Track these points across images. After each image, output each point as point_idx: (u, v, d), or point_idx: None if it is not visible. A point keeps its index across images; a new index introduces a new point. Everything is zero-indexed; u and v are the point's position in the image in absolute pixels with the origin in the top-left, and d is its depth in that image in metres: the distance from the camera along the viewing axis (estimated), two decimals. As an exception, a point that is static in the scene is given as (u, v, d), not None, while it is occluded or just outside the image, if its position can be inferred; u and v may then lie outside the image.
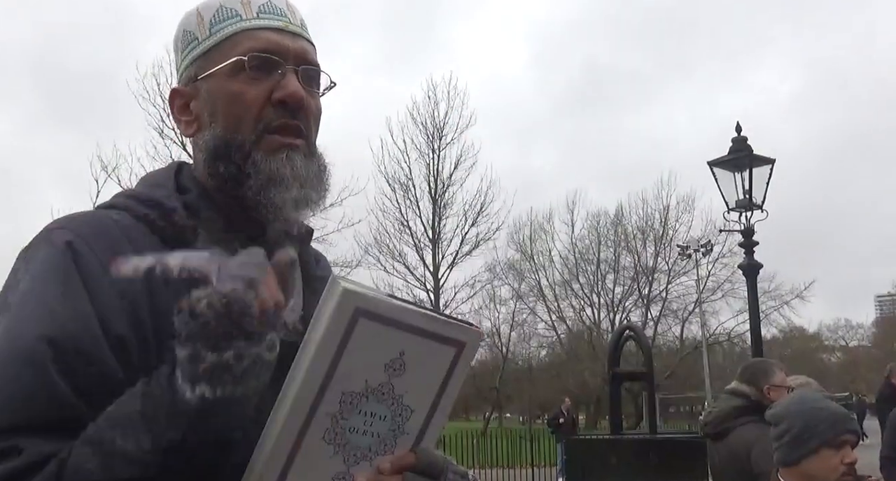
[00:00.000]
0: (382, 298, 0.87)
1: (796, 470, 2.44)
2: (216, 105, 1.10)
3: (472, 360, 0.94)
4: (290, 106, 1.08)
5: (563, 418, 18.41)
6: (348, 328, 0.85)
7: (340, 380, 0.87)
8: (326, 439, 0.89)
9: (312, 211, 1.11)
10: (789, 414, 2.49)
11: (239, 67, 1.08)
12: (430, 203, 27.74)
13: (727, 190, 8.77)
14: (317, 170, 1.10)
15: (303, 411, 0.87)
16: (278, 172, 1.05)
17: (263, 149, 1.07)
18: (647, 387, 11.07)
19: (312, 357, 0.86)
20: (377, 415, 0.90)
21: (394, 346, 0.88)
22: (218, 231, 1.06)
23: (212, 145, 1.08)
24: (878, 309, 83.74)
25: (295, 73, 1.09)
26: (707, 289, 32.75)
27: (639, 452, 7.68)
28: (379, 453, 0.92)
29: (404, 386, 0.90)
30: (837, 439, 2.40)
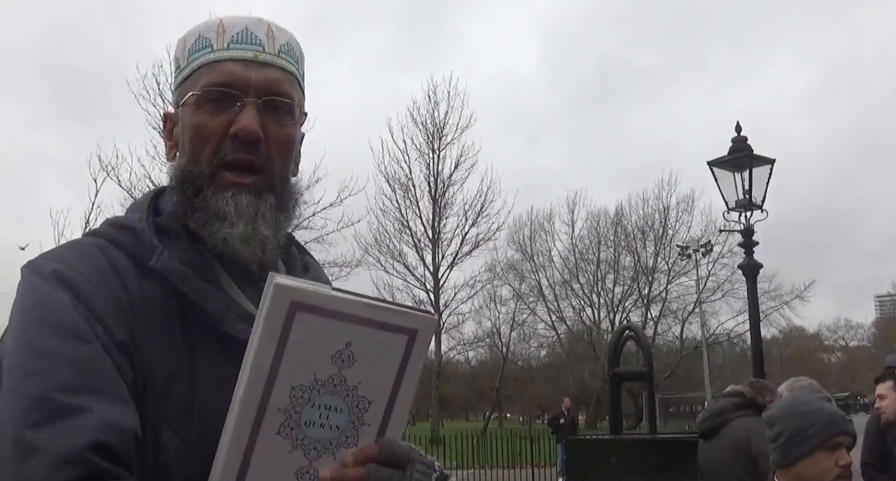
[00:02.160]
0: (321, 291, 0.87)
1: (792, 471, 2.44)
2: (184, 135, 1.14)
3: (427, 347, 0.94)
4: (241, 140, 1.09)
5: (563, 418, 18.40)
6: (286, 323, 0.86)
7: (286, 375, 0.87)
8: (282, 434, 0.89)
9: (269, 243, 1.11)
10: (784, 416, 2.50)
11: (201, 100, 1.11)
12: (430, 203, 27.78)
13: (727, 190, 8.77)
14: (271, 206, 1.11)
15: (252, 408, 0.88)
16: (221, 210, 1.08)
17: (215, 184, 1.09)
18: (647, 387, 11.07)
19: (254, 354, 0.87)
20: (332, 408, 0.90)
21: (339, 338, 0.88)
22: (189, 251, 1.09)
23: (177, 175, 1.13)
24: (878, 309, 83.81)
25: (255, 106, 1.10)
26: (707, 289, 32.81)
27: (639, 452, 7.69)
28: (341, 445, 0.92)
29: (357, 377, 0.90)
30: (832, 441, 2.40)
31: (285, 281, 0.86)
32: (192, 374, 1.02)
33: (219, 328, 1.04)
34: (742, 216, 8.69)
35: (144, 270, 1.05)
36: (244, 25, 1.14)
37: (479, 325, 33.42)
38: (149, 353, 1.00)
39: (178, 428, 0.99)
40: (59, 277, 1.00)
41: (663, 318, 34.99)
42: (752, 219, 8.65)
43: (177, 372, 1.01)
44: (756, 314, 9.24)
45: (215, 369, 1.02)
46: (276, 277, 0.86)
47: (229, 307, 1.06)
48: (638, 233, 34.60)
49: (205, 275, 1.08)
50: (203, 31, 1.14)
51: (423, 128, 27.53)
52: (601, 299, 35.55)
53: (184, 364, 1.02)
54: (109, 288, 1.02)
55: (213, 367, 1.02)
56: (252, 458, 0.89)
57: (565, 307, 35.84)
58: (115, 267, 1.05)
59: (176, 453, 0.98)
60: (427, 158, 27.61)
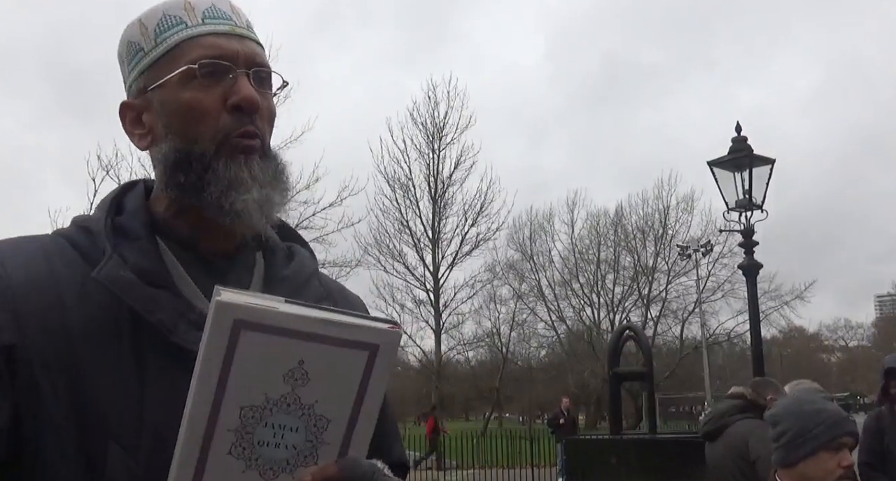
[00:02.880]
0: (267, 308, 0.83)
1: (794, 471, 2.44)
2: (171, 116, 1.08)
3: (391, 361, 0.89)
4: (245, 110, 1.07)
5: (563, 418, 18.40)
6: (231, 342, 0.82)
7: (234, 396, 0.84)
8: (234, 454, 0.86)
9: (276, 211, 1.10)
10: (787, 416, 2.50)
11: (190, 76, 1.06)
12: (430, 203, 27.75)
13: (727, 190, 8.78)
14: (274, 172, 1.09)
15: (199, 429, 0.84)
16: (238, 176, 1.05)
17: (223, 156, 1.06)
18: (647, 387, 11.07)
19: (198, 375, 0.83)
20: (287, 427, 0.87)
21: (290, 356, 0.84)
22: (145, 253, 1.04)
23: (172, 158, 1.07)
24: (878, 309, 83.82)
25: (247, 76, 1.08)
26: (707, 289, 32.79)
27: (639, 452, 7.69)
28: (299, 465, 0.89)
29: (312, 395, 0.87)
30: (835, 441, 2.40)
31: (229, 297, 0.81)
32: (142, 388, 0.97)
33: (169, 339, 0.99)
34: (742, 216, 8.70)
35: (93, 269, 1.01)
36: (210, 2, 1.11)
37: (479, 325, 33.41)
38: (87, 366, 0.96)
39: (127, 443, 0.95)
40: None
41: (663, 318, 35.00)
42: (752, 219, 8.66)
43: (124, 386, 0.97)
44: (756, 314, 9.24)
45: (168, 382, 0.97)
46: (220, 293, 0.82)
47: (182, 314, 1.01)
48: (638, 233, 34.61)
49: (157, 280, 1.02)
50: (168, 10, 1.10)
51: (422, 129, 27.51)
52: (601, 299, 35.55)
53: (132, 377, 0.97)
54: (38, 292, 0.98)
55: (164, 381, 0.98)
56: (204, 477, 0.86)
57: (565, 307, 35.85)
58: (56, 272, 1.01)
59: (125, 470, 0.94)
60: (427, 158, 27.59)
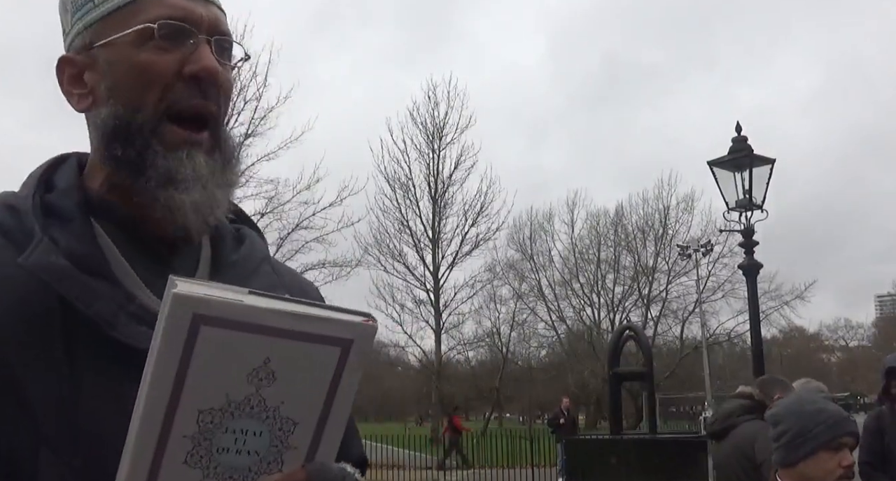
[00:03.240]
0: (230, 300, 0.74)
1: (794, 471, 2.44)
2: (117, 77, 0.97)
3: (365, 357, 0.81)
4: (203, 81, 0.96)
5: (563, 418, 18.41)
6: (189, 338, 0.73)
7: (192, 399, 0.75)
8: (190, 463, 0.77)
9: (220, 210, 0.99)
10: (788, 416, 2.50)
11: (147, 36, 0.95)
12: (430, 203, 27.78)
13: (727, 190, 8.78)
14: (221, 166, 0.99)
15: (152, 436, 0.75)
16: (178, 171, 0.94)
17: (163, 140, 0.95)
18: (647, 387, 11.06)
19: (151, 376, 0.74)
20: (250, 432, 0.79)
21: (255, 354, 0.76)
22: (79, 237, 0.93)
23: (110, 125, 0.96)
24: (878, 309, 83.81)
25: (208, 44, 0.98)
26: (707, 289, 32.78)
27: (639, 452, 7.68)
28: (263, 472, 0.81)
29: (278, 396, 0.78)
30: (835, 441, 2.40)
31: (186, 288, 0.73)
32: (76, 388, 0.86)
33: (108, 335, 0.88)
34: (742, 216, 8.70)
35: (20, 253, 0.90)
36: None
37: (479, 325, 33.43)
38: (13, 364, 0.86)
39: (62, 451, 0.85)
40: None
41: (663, 318, 34.99)
42: (752, 219, 8.66)
43: (55, 386, 0.86)
44: (756, 314, 9.24)
45: (106, 382, 0.87)
46: (175, 283, 0.73)
47: (122, 307, 0.90)
48: (638, 233, 34.62)
49: (92, 267, 0.91)
50: None
51: (422, 128, 27.55)
52: (601, 299, 35.56)
53: (64, 376, 0.86)
54: None
55: (103, 381, 0.87)
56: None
57: (565, 307, 35.86)
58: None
59: (58, 478, 0.84)
60: (427, 158, 27.63)
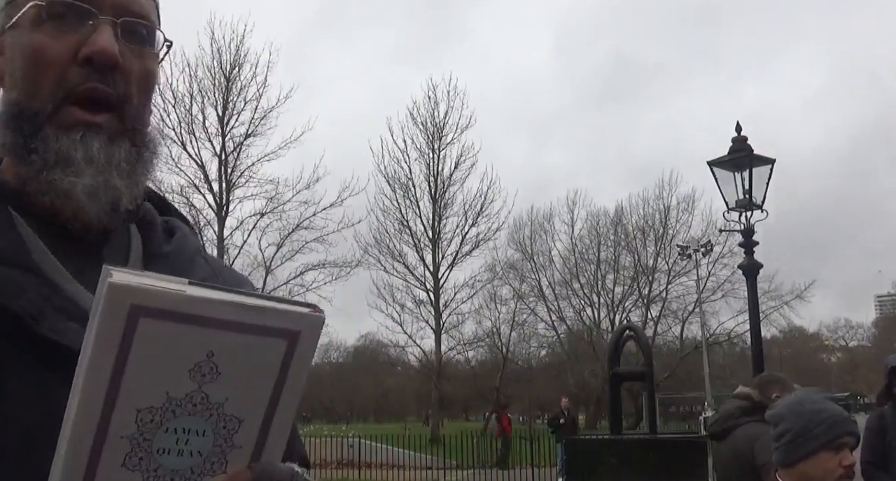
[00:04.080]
0: (171, 290, 0.69)
1: (795, 470, 2.44)
2: (15, 62, 0.92)
3: (313, 350, 0.77)
4: (97, 65, 0.89)
5: (563, 418, 18.41)
6: (126, 331, 0.68)
7: (130, 396, 0.70)
8: (129, 466, 0.73)
9: (122, 198, 0.92)
10: (788, 416, 2.49)
11: (38, 17, 0.90)
12: (430, 203, 27.80)
13: (727, 190, 8.78)
14: (126, 153, 0.92)
15: (87, 437, 0.70)
16: (67, 154, 0.88)
17: (58, 123, 0.89)
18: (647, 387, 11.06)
19: (85, 373, 0.69)
20: (192, 431, 0.74)
21: (197, 347, 0.71)
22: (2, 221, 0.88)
23: (4, 112, 0.92)
24: (878, 309, 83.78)
25: (112, 26, 0.91)
26: (707, 289, 32.79)
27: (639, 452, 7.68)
28: (206, 473, 0.76)
29: (222, 393, 0.74)
30: (836, 441, 2.40)
31: (123, 278, 0.68)
32: (2, 390, 0.80)
33: (34, 331, 0.82)
34: (742, 216, 8.70)
35: None
36: None
37: (479, 325, 33.45)
38: None
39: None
40: None
41: (663, 318, 35.01)
42: (752, 219, 8.66)
43: None
44: (756, 314, 9.23)
45: (33, 383, 0.81)
46: (111, 273, 0.68)
47: (48, 300, 0.84)
48: (638, 233, 34.64)
49: (12, 258, 0.85)
50: None
51: (423, 128, 27.58)
52: (601, 299, 35.57)
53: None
54: None
55: (29, 381, 0.81)
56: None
57: (565, 307, 35.89)
58: None
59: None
60: (427, 158, 27.66)
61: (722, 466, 4.01)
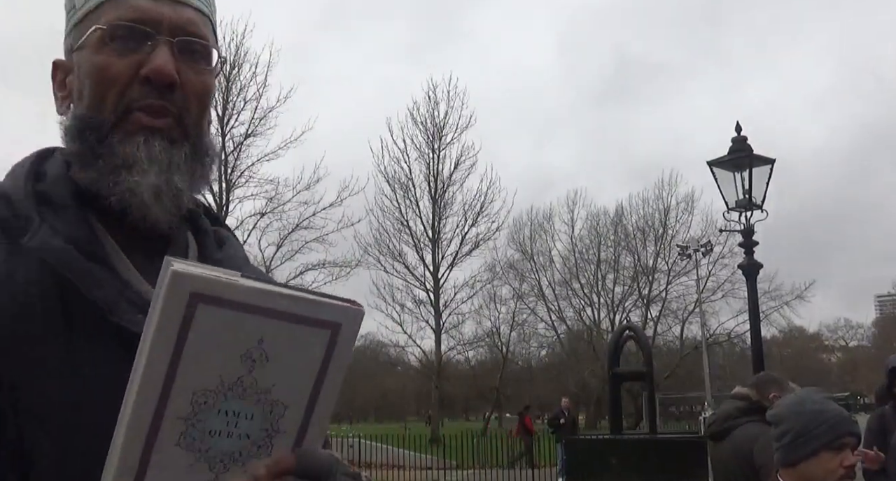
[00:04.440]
0: (227, 280, 0.74)
1: (796, 471, 2.44)
2: (82, 80, 0.99)
3: (353, 342, 0.82)
4: (156, 83, 0.96)
5: (563, 418, 18.42)
6: (186, 317, 0.73)
7: (186, 379, 0.75)
8: (182, 445, 0.77)
9: (184, 198, 0.98)
10: (790, 416, 2.49)
11: (103, 39, 0.97)
12: (430, 203, 27.80)
13: (727, 190, 8.78)
14: (186, 156, 0.98)
15: (146, 417, 0.75)
16: (132, 155, 0.94)
17: (122, 129, 0.96)
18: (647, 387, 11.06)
19: (147, 355, 0.74)
20: (242, 414, 0.79)
21: (249, 334, 0.76)
22: (75, 224, 0.94)
23: (69, 124, 0.99)
24: (878, 309, 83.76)
25: (170, 46, 0.97)
26: (707, 289, 32.82)
27: (639, 452, 7.68)
28: (253, 456, 0.80)
29: (270, 378, 0.78)
30: (837, 441, 2.40)
31: (184, 267, 0.73)
32: (75, 372, 0.87)
33: (108, 319, 0.89)
34: (742, 216, 8.70)
35: (19, 248, 0.91)
36: None
37: (479, 325, 33.47)
38: (15, 348, 0.86)
39: (58, 435, 0.85)
40: None
41: (663, 318, 35.02)
42: (752, 219, 8.66)
43: (55, 370, 0.87)
44: (756, 314, 9.23)
45: (105, 367, 0.87)
46: (172, 263, 0.73)
47: (121, 293, 0.91)
48: (638, 233, 34.65)
49: (93, 253, 0.92)
50: None
51: (422, 128, 27.58)
52: (601, 299, 35.58)
53: (64, 361, 0.87)
54: None
55: (101, 365, 0.88)
56: (147, 473, 0.77)
57: (565, 307, 35.91)
58: None
59: (54, 464, 0.85)
60: (427, 158, 27.66)
61: (720, 467, 4.01)
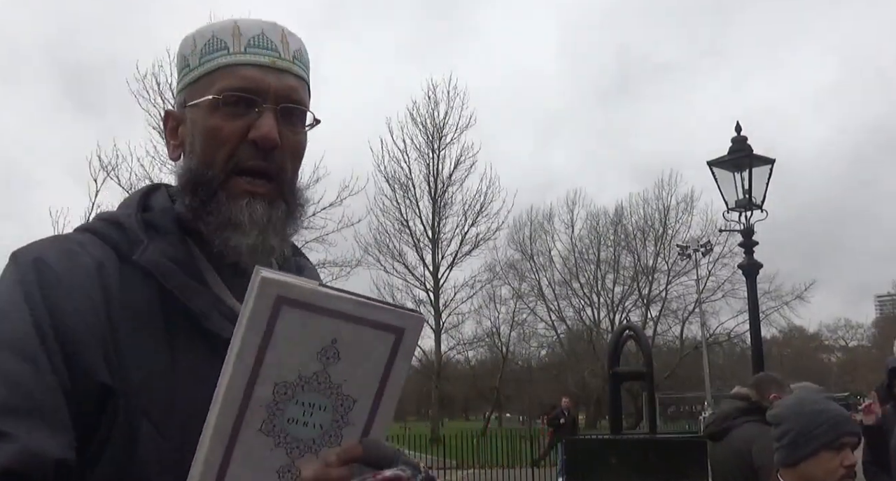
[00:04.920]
0: (307, 286, 0.85)
1: (796, 471, 2.44)
2: (196, 137, 1.13)
3: (414, 346, 0.92)
4: (262, 146, 1.09)
5: (563, 418, 18.42)
6: (272, 317, 0.84)
7: (270, 371, 0.86)
8: (264, 431, 0.88)
9: (273, 255, 1.14)
10: (790, 416, 2.49)
11: (216, 103, 1.10)
12: (430, 203, 27.79)
13: (727, 190, 8.78)
14: (282, 215, 1.12)
15: (234, 404, 0.86)
16: (236, 217, 1.08)
17: (228, 190, 1.09)
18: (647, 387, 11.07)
19: (238, 348, 0.85)
20: (316, 406, 0.89)
21: (325, 334, 0.87)
22: (176, 247, 1.09)
23: (185, 176, 1.12)
24: (878, 309, 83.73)
25: (274, 112, 1.10)
26: (707, 289, 32.81)
27: (639, 452, 7.68)
28: (324, 445, 0.90)
29: (342, 374, 0.89)
30: (837, 441, 2.40)
31: (271, 274, 0.84)
32: (174, 370, 1.01)
33: (202, 326, 1.04)
34: (742, 216, 8.71)
35: (128, 265, 1.05)
36: (260, 29, 1.14)
37: (479, 325, 33.47)
38: (127, 348, 1.00)
39: (159, 423, 0.99)
40: (30, 270, 1.00)
41: (663, 318, 35.01)
42: (752, 219, 8.66)
43: (157, 368, 1.00)
44: (756, 314, 9.24)
45: (198, 366, 1.01)
46: (262, 271, 0.84)
47: (214, 305, 1.06)
48: (638, 233, 34.64)
49: (190, 272, 1.07)
50: (217, 32, 1.14)
51: (422, 128, 27.57)
52: (601, 299, 35.57)
53: (165, 360, 1.01)
54: (83, 285, 1.01)
55: (195, 364, 1.02)
56: (233, 454, 0.87)
57: (565, 307, 35.89)
58: (95, 262, 1.04)
59: (155, 448, 0.98)
60: (427, 158, 27.65)
61: (719, 467, 4.00)
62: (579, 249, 35.35)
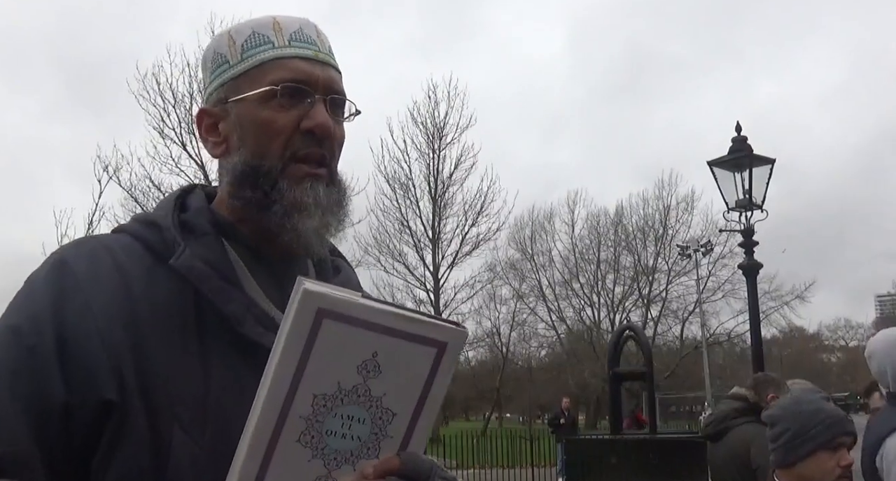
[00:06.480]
0: (349, 299, 0.85)
1: (792, 471, 2.44)
2: (245, 130, 1.13)
3: (456, 360, 0.92)
4: (318, 135, 1.12)
5: (563, 418, 18.41)
6: (313, 329, 0.84)
7: (310, 383, 0.86)
8: (302, 442, 0.88)
9: (332, 236, 1.17)
10: (786, 416, 2.50)
11: (270, 95, 1.12)
12: (430, 203, 27.74)
13: (727, 190, 8.79)
14: (337, 198, 1.15)
15: (273, 414, 0.86)
16: (302, 201, 1.10)
17: (289, 177, 1.11)
18: (647, 387, 11.07)
19: (279, 359, 0.85)
20: (355, 418, 0.89)
21: (365, 347, 0.86)
22: (212, 249, 1.09)
23: (239, 170, 1.12)
24: (878, 309, 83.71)
25: (323, 103, 1.13)
26: (707, 289, 32.80)
27: (639, 452, 7.68)
28: (362, 457, 0.90)
29: (382, 388, 0.89)
30: (833, 441, 2.40)
31: (313, 287, 0.84)
32: (207, 375, 1.01)
33: (236, 331, 1.03)
34: (742, 216, 8.71)
35: (164, 267, 1.05)
36: (297, 25, 1.16)
37: (479, 325, 33.45)
38: (154, 352, 0.99)
39: (192, 430, 0.98)
40: (53, 276, 1.02)
41: (663, 318, 35.01)
42: (752, 219, 8.67)
43: (189, 373, 1.00)
44: (756, 314, 9.24)
45: (231, 372, 1.01)
46: (304, 283, 0.84)
47: (248, 309, 1.05)
48: (638, 233, 34.63)
49: (226, 275, 1.07)
50: (256, 27, 1.15)
51: (423, 128, 27.52)
52: (601, 299, 35.56)
53: (197, 364, 1.01)
54: (107, 288, 1.01)
55: (229, 370, 1.02)
56: (270, 464, 0.87)
57: (565, 307, 35.88)
58: (121, 266, 1.04)
59: (189, 455, 0.97)
60: (427, 158, 27.59)
61: (718, 468, 4.01)
62: (580, 249, 35.38)
